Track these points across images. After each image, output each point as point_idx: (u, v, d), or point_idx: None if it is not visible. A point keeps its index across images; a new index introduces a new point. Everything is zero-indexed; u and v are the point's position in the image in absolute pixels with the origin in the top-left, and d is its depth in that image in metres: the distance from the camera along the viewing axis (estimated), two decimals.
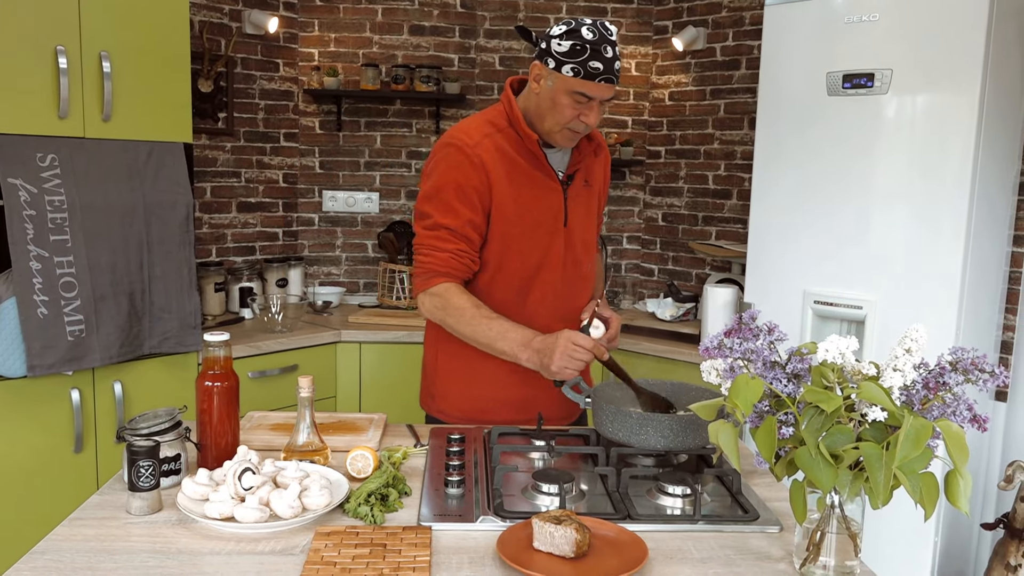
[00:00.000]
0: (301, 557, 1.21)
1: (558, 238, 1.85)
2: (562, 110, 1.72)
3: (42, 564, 1.18)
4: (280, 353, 3.04)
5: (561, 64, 1.69)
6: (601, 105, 1.74)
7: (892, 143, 2.42)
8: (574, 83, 1.69)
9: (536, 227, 1.81)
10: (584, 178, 1.89)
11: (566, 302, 1.88)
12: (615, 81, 1.71)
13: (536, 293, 1.84)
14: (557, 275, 1.86)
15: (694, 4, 3.68)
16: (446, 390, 1.93)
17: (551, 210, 1.83)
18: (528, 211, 1.80)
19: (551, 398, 1.85)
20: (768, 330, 1.15)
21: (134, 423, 1.44)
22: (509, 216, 1.78)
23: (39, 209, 2.28)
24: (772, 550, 1.27)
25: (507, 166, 1.78)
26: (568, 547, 1.17)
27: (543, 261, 1.83)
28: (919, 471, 1.05)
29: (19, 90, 2.28)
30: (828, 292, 2.55)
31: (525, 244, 1.81)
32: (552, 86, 1.72)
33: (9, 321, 2.27)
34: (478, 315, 1.73)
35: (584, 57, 1.67)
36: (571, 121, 1.73)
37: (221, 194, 3.53)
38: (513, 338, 1.70)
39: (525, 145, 1.79)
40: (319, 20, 3.71)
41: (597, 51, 1.67)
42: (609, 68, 1.68)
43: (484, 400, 1.88)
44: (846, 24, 2.47)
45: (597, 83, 1.69)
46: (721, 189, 3.65)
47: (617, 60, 1.70)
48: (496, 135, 1.79)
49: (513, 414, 1.87)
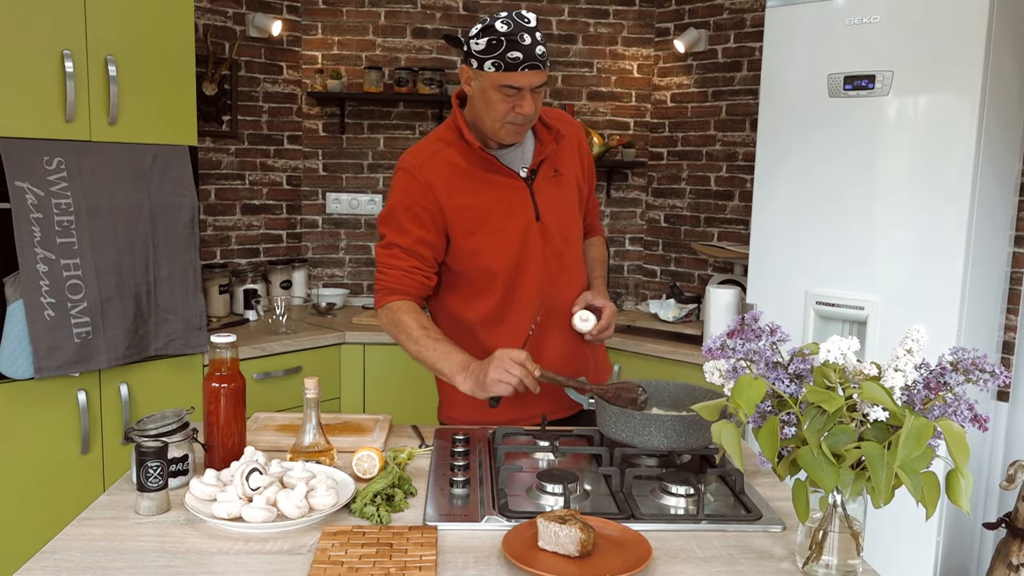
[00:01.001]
0: (308, 556, 1.22)
1: (532, 234, 1.85)
2: (495, 106, 1.74)
3: (52, 564, 1.19)
4: (284, 355, 3.06)
5: (482, 62, 1.71)
6: (534, 93, 1.74)
7: (893, 145, 2.43)
8: (498, 77, 1.71)
9: (503, 229, 1.83)
10: (553, 168, 1.89)
11: (553, 296, 1.88)
12: (541, 66, 1.72)
13: (521, 293, 1.86)
14: (538, 271, 1.86)
15: (695, 6, 3.69)
16: (452, 395, 1.94)
17: (518, 209, 1.84)
18: (490, 216, 1.82)
19: (553, 394, 1.86)
20: (770, 331, 1.16)
21: (142, 424, 1.46)
22: (470, 226, 1.81)
23: (46, 212, 2.30)
24: (775, 549, 1.29)
25: (460, 178, 1.81)
26: (573, 546, 1.19)
27: (520, 260, 1.85)
28: (920, 470, 1.06)
29: (26, 94, 2.30)
30: (830, 293, 2.56)
31: (497, 247, 1.83)
32: (480, 85, 1.74)
33: (17, 323, 2.28)
34: (424, 336, 1.77)
35: (502, 50, 1.68)
36: (508, 115, 1.74)
37: (225, 196, 3.55)
38: (454, 361, 1.73)
39: (473, 152, 1.81)
40: (322, 23, 3.73)
41: (513, 41, 1.68)
42: (530, 55, 1.68)
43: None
44: (847, 26, 2.48)
45: (520, 72, 1.69)
46: (723, 190, 3.66)
47: (539, 45, 1.70)
48: (445, 150, 1.83)
49: (518, 412, 1.88)
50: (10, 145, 2.26)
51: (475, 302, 1.86)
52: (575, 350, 1.92)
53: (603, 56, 3.85)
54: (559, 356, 1.90)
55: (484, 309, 1.85)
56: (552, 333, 1.88)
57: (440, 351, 1.76)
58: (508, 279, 1.85)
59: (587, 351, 1.96)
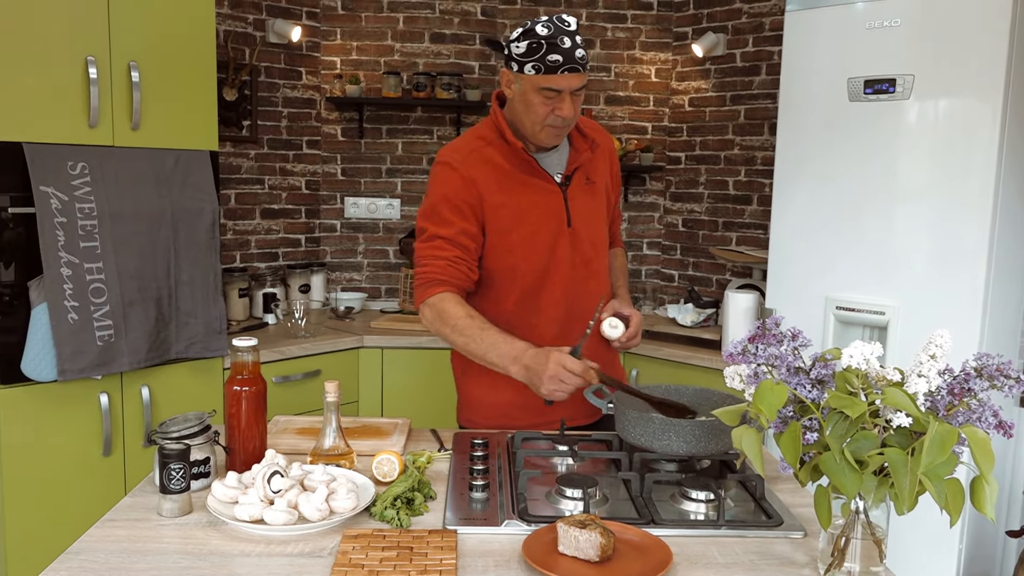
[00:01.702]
0: (329, 559, 1.23)
1: (563, 239, 1.86)
2: (535, 109, 1.75)
3: (77, 564, 1.20)
4: (303, 358, 3.07)
5: (523, 64, 1.73)
6: (574, 96, 1.76)
7: (914, 148, 2.41)
8: (538, 80, 1.72)
9: (537, 231, 1.84)
10: (585, 176, 1.90)
11: (578, 302, 1.89)
12: (581, 69, 1.73)
13: (547, 296, 1.87)
14: (565, 276, 1.87)
15: (714, 10, 3.69)
16: (472, 399, 1.95)
17: (551, 212, 1.85)
18: (526, 217, 1.83)
19: (574, 400, 1.85)
20: (792, 336, 1.15)
21: (164, 427, 1.47)
22: (506, 224, 1.82)
23: (70, 216, 2.32)
24: (796, 556, 1.28)
25: (498, 177, 1.82)
26: (593, 551, 1.19)
27: (549, 264, 1.86)
28: (944, 477, 1.05)
29: (51, 100, 2.33)
30: (850, 298, 2.54)
31: (528, 249, 1.84)
32: (521, 88, 1.76)
33: (41, 326, 2.31)
34: (471, 326, 1.74)
35: (542, 53, 1.70)
36: (547, 117, 1.76)
37: (245, 201, 3.57)
38: (504, 351, 1.70)
39: (514, 152, 1.83)
40: (341, 29, 3.75)
41: (554, 44, 1.69)
42: (570, 57, 1.70)
43: (508, 406, 1.90)
44: (867, 30, 2.46)
45: (560, 75, 1.71)
46: (741, 195, 3.65)
47: (578, 48, 1.72)
48: (485, 148, 1.84)
49: (538, 417, 1.88)
50: (35, 150, 2.29)
51: (500, 302, 1.87)
52: (597, 355, 1.92)
53: (621, 60, 3.85)
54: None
55: (508, 311, 1.86)
56: (576, 338, 1.87)
57: (488, 340, 1.72)
58: (535, 282, 1.86)
59: (609, 357, 1.96)
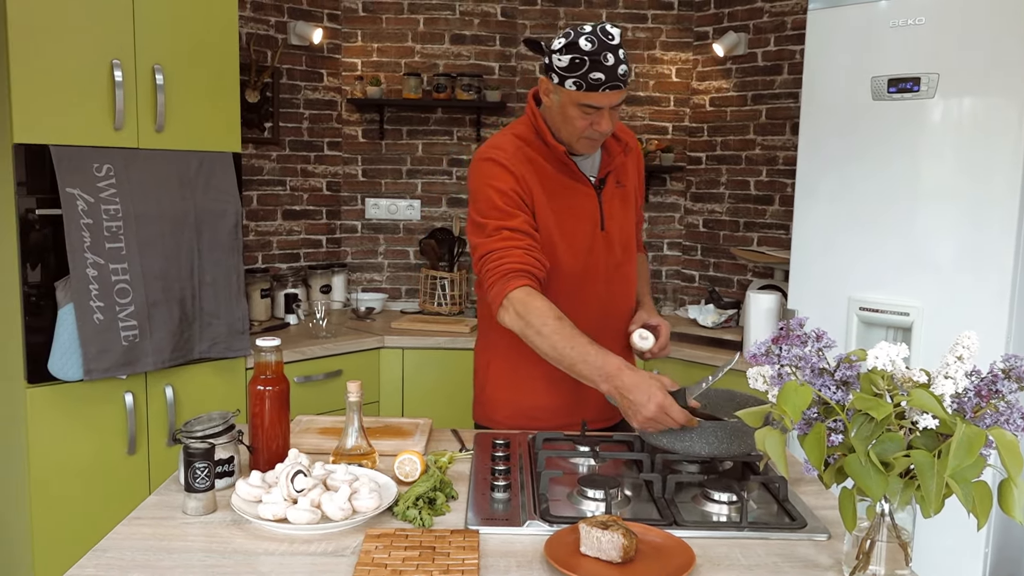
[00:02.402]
0: (352, 559, 1.24)
1: (597, 243, 1.86)
2: (573, 122, 1.73)
3: (105, 561, 1.22)
4: (324, 359, 3.09)
5: (564, 79, 1.69)
6: (612, 111, 1.74)
7: (939, 147, 2.39)
8: (578, 96, 1.69)
9: (574, 234, 1.83)
10: (616, 179, 1.90)
11: (611, 307, 1.89)
12: (622, 86, 1.71)
13: (585, 298, 1.85)
14: (600, 280, 1.87)
15: (735, 9, 3.67)
16: (495, 397, 1.95)
17: (587, 215, 1.84)
18: (565, 219, 1.82)
19: (598, 403, 1.84)
20: (816, 336, 1.14)
21: (189, 426, 1.48)
22: (548, 225, 1.80)
23: (95, 218, 2.35)
24: (820, 558, 1.27)
25: (540, 176, 1.80)
26: (615, 552, 1.18)
27: (586, 267, 1.85)
28: (972, 480, 1.04)
29: (77, 103, 2.36)
30: (874, 298, 2.52)
31: (567, 252, 1.82)
32: (560, 100, 1.73)
33: (67, 326, 2.34)
34: (561, 331, 1.62)
35: (584, 70, 1.66)
36: (585, 131, 1.74)
37: (267, 202, 3.60)
38: (597, 365, 1.58)
39: (554, 154, 1.81)
40: (362, 31, 3.77)
41: (597, 61, 1.65)
42: (612, 75, 1.67)
43: (532, 408, 1.90)
44: (891, 28, 2.44)
45: (601, 93, 1.68)
46: (763, 195, 3.63)
47: (622, 64, 1.68)
48: (525, 147, 1.82)
49: (561, 419, 1.88)
50: (62, 153, 2.32)
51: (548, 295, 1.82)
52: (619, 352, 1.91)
53: (641, 61, 3.84)
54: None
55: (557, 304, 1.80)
56: (607, 343, 1.78)
57: (579, 350, 1.60)
58: (572, 286, 1.84)
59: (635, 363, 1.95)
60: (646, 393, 1.50)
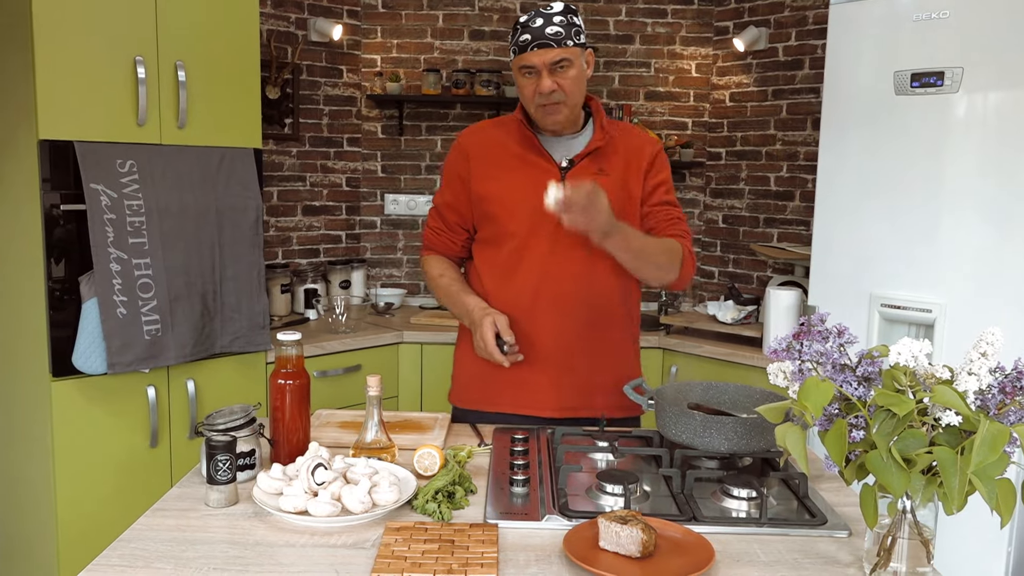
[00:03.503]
0: (372, 551, 1.24)
1: (549, 216, 1.78)
2: (523, 90, 1.85)
3: (129, 552, 1.23)
4: (344, 353, 3.11)
5: (511, 51, 1.86)
6: (555, 72, 1.80)
7: (962, 143, 2.36)
8: (517, 61, 1.83)
9: (521, 205, 1.87)
10: (598, 166, 1.90)
11: (552, 282, 1.89)
12: (553, 44, 1.79)
13: (523, 269, 1.90)
14: (543, 253, 1.88)
15: (756, 4, 3.64)
16: (461, 380, 2.03)
17: (543, 191, 1.81)
18: (514, 191, 1.89)
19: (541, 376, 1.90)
20: (838, 332, 1.14)
21: (211, 419, 1.50)
22: (492, 195, 1.90)
23: (119, 213, 2.38)
24: (841, 555, 1.26)
25: (497, 151, 1.93)
26: (634, 547, 1.18)
27: (529, 239, 1.88)
28: (995, 477, 1.03)
29: (101, 99, 2.39)
30: (896, 295, 2.50)
31: (510, 220, 1.90)
32: (514, 74, 1.88)
33: (91, 320, 2.36)
34: (441, 284, 1.99)
35: (517, 35, 1.82)
36: (533, 96, 1.83)
37: (287, 198, 3.62)
38: (459, 305, 1.94)
39: (521, 133, 1.91)
40: (382, 27, 3.78)
41: (526, 25, 1.80)
42: (539, 34, 1.78)
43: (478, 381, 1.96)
44: (914, 22, 2.42)
45: (531, 52, 1.79)
46: (783, 191, 3.60)
47: (551, 25, 1.78)
48: (494, 128, 1.98)
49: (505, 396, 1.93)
50: (86, 148, 2.34)
51: (489, 265, 1.95)
52: (571, 339, 1.91)
53: (661, 56, 3.83)
54: (554, 343, 1.89)
55: (488, 277, 1.95)
56: (541, 306, 1.89)
57: (451, 297, 1.97)
58: (514, 253, 1.90)
59: (586, 341, 1.92)
60: (480, 331, 1.84)
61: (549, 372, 1.90)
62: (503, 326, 1.82)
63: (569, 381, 1.91)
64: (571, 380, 1.91)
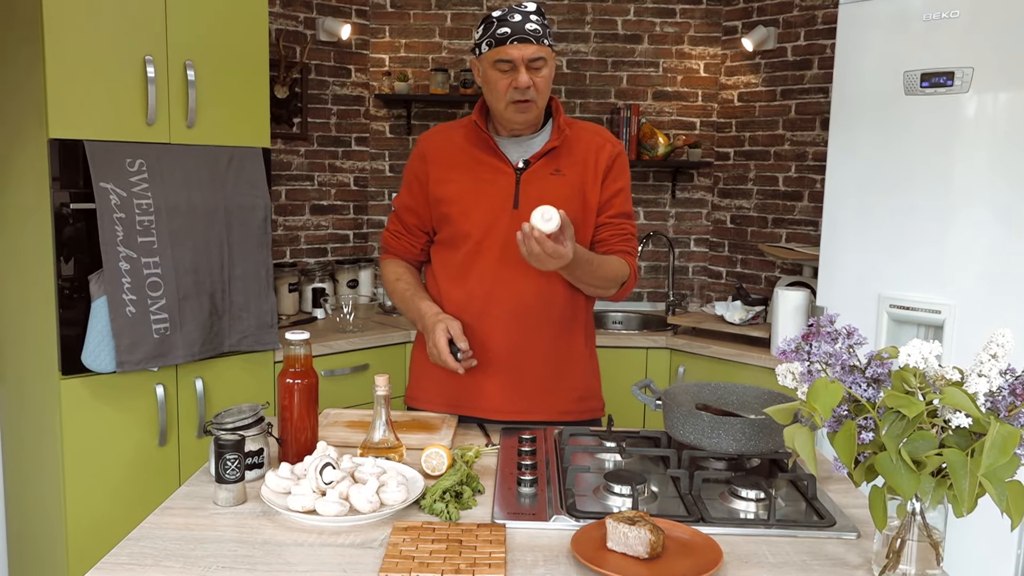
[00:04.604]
0: (380, 551, 1.25)
1: (503, 219, 1.85)
2: (495, 85, 1.82)
3: (138, 550, 1.24)
4: (351, 352, 3.11)
5: (480, 46, 1.83)
6: (531, 68, 1.79)
7: (972, 143, 2.35)
8: (491, 54, 1.80)
9: (475, 207, 1.87)
10: (554, 167, 1.88)
11: (504, 282, 1.86)
12: (532, 40, 1.77)
13: (477, 270, 1.88)
14: (497, 254, 1.86)
15: (764, 3, 3.63)
16: (417, 380, 2.02)
17: (498, 193, 1.87)
18: (468, 192, 1.88)
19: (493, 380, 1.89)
20: (847, 333, 1.13)
21: (220, 418, 1.50)
22: (447, 196, 1.89)
23: (128, 212, 2.38)
24: (849, 557, 1.26)
25: (452, 154, 1.92)
26: (642, 548, 1.18)
27: (483, 240, 1.87)
28: (1005, 479, 1.03)
29: (111, 99, 2.39)
30: (904, 296, 2.49)
31: (465, 221, 1.88)
32: (483, 69, 1.85)
33: (100, 319, 2.37)
34: (396, 289, 1.99)
35: (492, 29, 1.79)
36: (507, 92, 1.80)
37: (295, 197, 3.63)
38: (412, 311, 1.94)
39: (477, 133, 1.90)
40: (390, 27, 3.78)
41: (504, 19, 1.79)
42: (518, 29, 1.77)
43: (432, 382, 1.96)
44: (924, 22, 2.41)
45: (510, 44, 1.77)
46: (792, 191, 3.60)
47: (529, 22, 1.78)
48: (453, 130, 1.97)
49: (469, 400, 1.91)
50: (96, 148, 2.35)
51: (445, 266, 1.94)
52: (523, 342, 1.89)
53: (669, 55, 3.82)
54: (505, 345, 1.88)
55: (441, 277, 1.94)
56: (495, 307, 1.88)
57: (405, 302, 1.96)
58: (468, 255, 1.89)
59: (538, 343, 1.90)
60: (432, 338, 1.83)
61: (500, 376, 1.88)
62: (456, 332, 1.81)
63: (521, 384, 1.89)
64: (523, 383, 1.89)
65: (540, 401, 1.90)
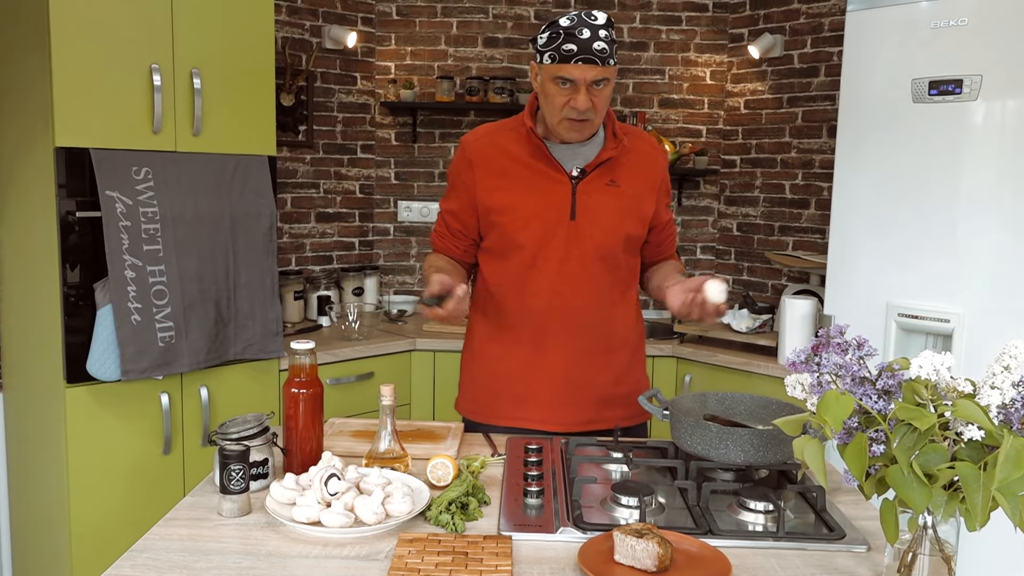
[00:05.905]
0: (385, 563, 1.24)
1: (561, 230, 1.83)
2: (552, 99, 1.77)
3: (141, 562, 1.23)
4: (356, 361, 3.10)
5: (543, 55, 1.76)
6: (592, 89, 1.74)
7: (981, 151, 2.34)
8: (553, 69, 1.74)
9: (532, 218, 1.84)
10: (609, 177, 1.87)
11: (564, 296, 1.86)
12: (598, 62, 1.72)
13: (534, 284, 1.86)
14: (555, 267, 1.85)
15: (771, 11, 3.63)
16: (468, 391, 2.01)
17: (553, 202, 1.84)
18: (524, 202, 1.84)
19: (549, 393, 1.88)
20: (858, 344, 1.12)
21: (224, 428, 1.49)
22: (498, 205, 1.85)
23: (134, 220, 2.38)
24: (859, 570, 1.25)
25: (503, 160, 1.86)
26: (650, 561, 1.17)
27: (540, 252, 1.84)
28: (1019, 493, 1.01)
29: (117, 107, 2.40)
30: (913, 305, 2.47)
31: (521, 234, 1.85)
32: (541, 78, 1.79)
33: (105, 327, 2.37)
34: (429, 259, 1.97)
35: (559, 42, 1.72)
36: (563, 108, 1.76)
37: (301, 205, 3.63)
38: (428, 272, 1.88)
39: (530, 140, 1.85)
40: (396, 34, 3.79)
41: (572, 34, 1.71)
42: (585, 48, 1.70)
43: (488, 394, 1.94)
44: (932, 29, 2.40)
45: (574, 64, 1.71)
46: (798, 199, 3.58)
47: (598, 40, 1.71)
48: (500, 133, 1.90)
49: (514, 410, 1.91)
50: (101, 156, 2.35)
51: (500, 276, 1.90)
52: (582, 355, 1.89)
53: (675, 63, 3.82)
54: (564, 358, 1.87)
55: (496, 290, 1.91)
56: (554, 321, 1.86)
57: (429, 266, 1.92)
58: (524, 267, 1.86)
59: (596, 356, 1.90)
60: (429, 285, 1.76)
61: (557, 389, 1.88)
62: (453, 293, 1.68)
63: (579, 397, 1.89)
64: (581, 396, 1.89)
65: (598, 411, 1.91)
